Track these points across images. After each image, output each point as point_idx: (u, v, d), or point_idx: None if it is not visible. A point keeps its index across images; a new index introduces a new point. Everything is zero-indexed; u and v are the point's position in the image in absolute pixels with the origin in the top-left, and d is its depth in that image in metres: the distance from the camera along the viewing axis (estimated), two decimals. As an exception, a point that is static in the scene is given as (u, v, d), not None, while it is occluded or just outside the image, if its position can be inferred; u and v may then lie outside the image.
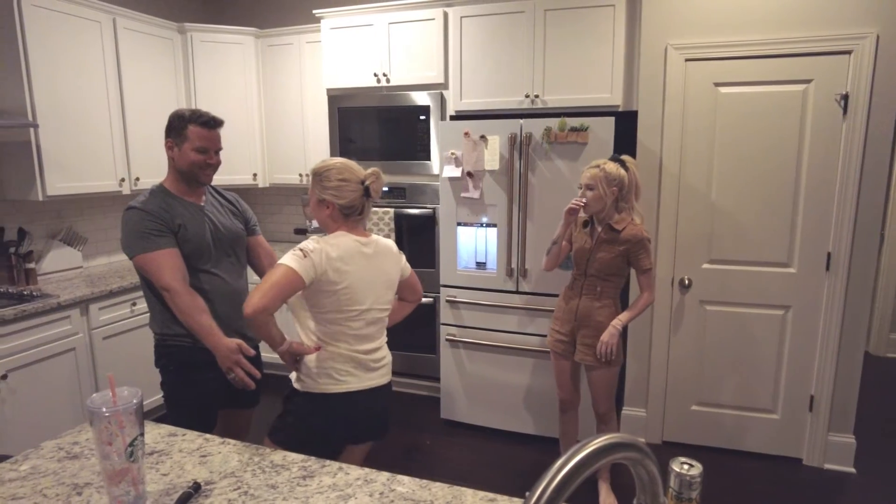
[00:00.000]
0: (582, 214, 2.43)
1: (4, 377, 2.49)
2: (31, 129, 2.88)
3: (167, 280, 1.75)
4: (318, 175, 1.72)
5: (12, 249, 3.00)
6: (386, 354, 1.84)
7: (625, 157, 2.37)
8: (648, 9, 2.86)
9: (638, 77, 2.95)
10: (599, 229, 2.37)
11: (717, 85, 2.80)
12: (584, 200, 2.31)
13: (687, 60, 2.82)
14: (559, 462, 0.55)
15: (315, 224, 3.76)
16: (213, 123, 1.88)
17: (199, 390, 1.90)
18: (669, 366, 3.07)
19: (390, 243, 1.84)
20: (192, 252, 1.85)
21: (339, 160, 1.75)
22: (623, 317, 2.34)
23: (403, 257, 1.89)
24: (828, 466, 2.86)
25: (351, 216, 1.74)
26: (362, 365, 1.74)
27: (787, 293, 2.83)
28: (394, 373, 3.72)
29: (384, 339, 1.84)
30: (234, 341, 1.75)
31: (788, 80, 2.69)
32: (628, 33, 2.96)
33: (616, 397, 2.52)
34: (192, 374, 1.89)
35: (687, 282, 2.96)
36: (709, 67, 2.80)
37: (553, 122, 2.83)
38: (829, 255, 2.73)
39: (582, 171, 2.39)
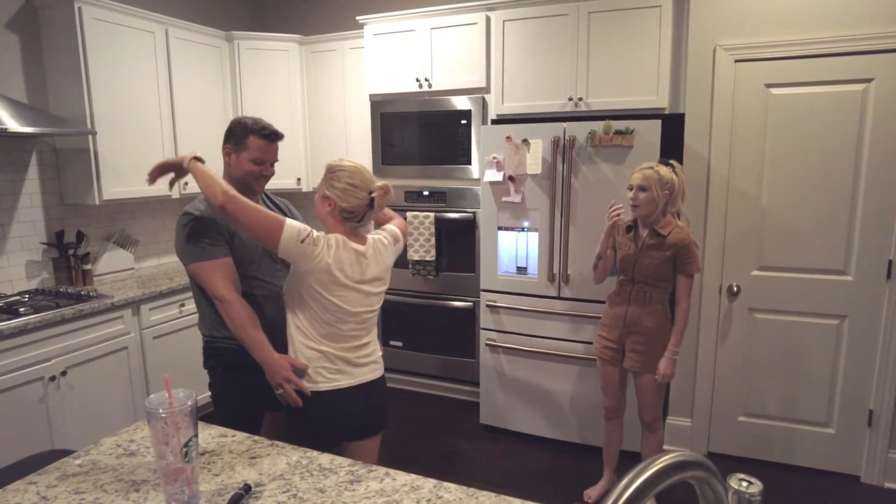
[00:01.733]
0: (627, 218, 2.39)
1: (64, 374, 2.60)
2: (90, 136, 3.01)
3: (221, 291, 1.77)
4: (331, 172, 1.74)
5: (71, 251, 3.14)
6: (375, 349, 1.86)
7: (672, 162, 2.33)
8: (696, 9, 2.79)
9: (685, 79, 2.88)
10: (644, 234, 2.33)
11: (768, 86, 2.71)
12: (622, 208, 2.29)
13: (737, 61, 2.74)
14: (625, 480, 0.53)
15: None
16: (273, 137, 1.90)
17: (247, 392, 1.93)
18: (716, 375, 2.98)
19: (386, 240, 1.85)
20: (243, 259, 1.88)
21: (354, 163, 1.76)
22: (674, 341, 2.34)
23: (400, 242, 1.93)
24: (888, 485, 2.72)
25: (350, 220, 1.74)
26: (351, 362, 1.77)
27: (843, 302, 2.71)
28: (431, 376, 3.67)
29: (374, 334, 1.87)
30: (286, 358, 1.76)
31: (846, 80, 2.58)
32: (675, 34, 2.89)
33: (661, 407, 2.47)
34: (239, 375, 1.92)
35: (735, 289, 2.87)
36: (760, 68, 2.71)
37: (597, 125, 2.79)
38: (890, 262, 2.60)
39: (628, 174, 2.35)
